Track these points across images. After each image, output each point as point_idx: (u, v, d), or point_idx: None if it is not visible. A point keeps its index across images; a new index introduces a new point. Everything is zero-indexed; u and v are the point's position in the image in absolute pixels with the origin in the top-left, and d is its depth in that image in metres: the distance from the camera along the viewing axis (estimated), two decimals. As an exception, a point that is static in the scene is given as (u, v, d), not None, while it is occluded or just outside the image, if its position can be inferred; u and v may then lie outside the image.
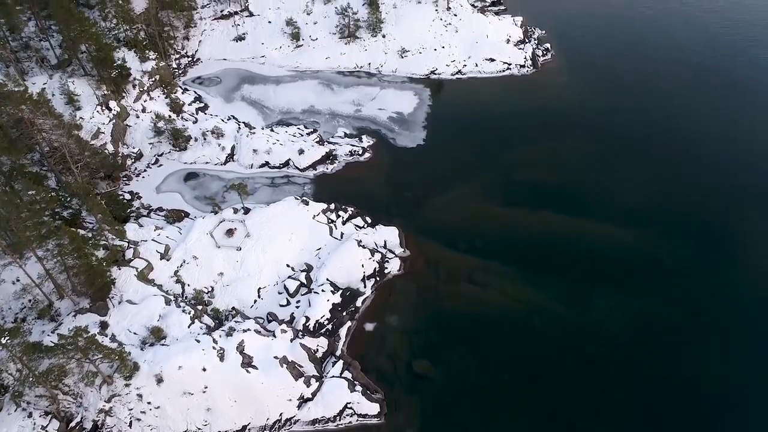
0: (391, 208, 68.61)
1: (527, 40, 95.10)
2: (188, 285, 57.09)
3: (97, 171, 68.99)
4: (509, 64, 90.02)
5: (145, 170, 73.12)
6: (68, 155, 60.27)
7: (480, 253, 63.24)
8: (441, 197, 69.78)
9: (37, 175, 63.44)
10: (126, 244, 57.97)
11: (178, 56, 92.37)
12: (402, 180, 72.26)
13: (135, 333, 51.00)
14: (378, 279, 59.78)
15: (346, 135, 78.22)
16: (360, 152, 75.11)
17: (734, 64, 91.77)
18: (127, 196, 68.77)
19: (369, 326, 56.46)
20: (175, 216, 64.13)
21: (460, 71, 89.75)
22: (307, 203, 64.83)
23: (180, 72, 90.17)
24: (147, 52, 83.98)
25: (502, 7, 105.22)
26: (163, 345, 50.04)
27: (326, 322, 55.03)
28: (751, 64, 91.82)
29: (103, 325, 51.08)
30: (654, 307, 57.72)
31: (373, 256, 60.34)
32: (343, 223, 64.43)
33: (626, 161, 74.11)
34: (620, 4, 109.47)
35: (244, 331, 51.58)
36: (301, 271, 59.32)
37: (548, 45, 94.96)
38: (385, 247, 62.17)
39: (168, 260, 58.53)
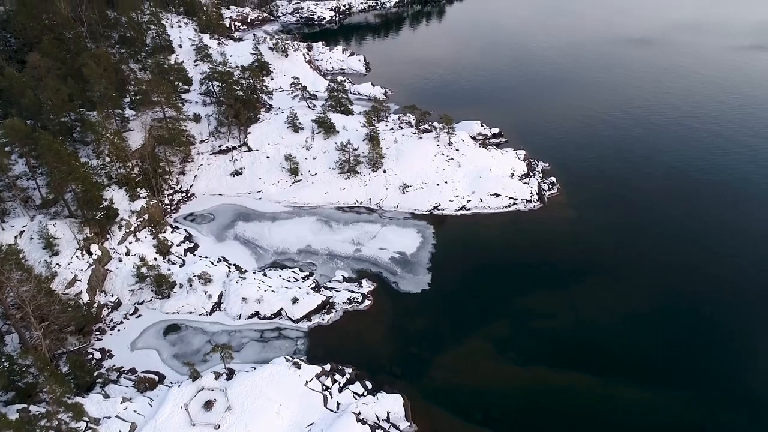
0: (394, 368, 60.70)
1: (532, 174, 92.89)
2: (153, 478, 47.74)
3: (67, 325, 62.01)
4: (515, 200, 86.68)
5: (121, 322, 66.10)
6: (32, 316, 53.59)
7: (498, 425, 54.53)
8: (450, 353, 62.24)
9: (-5, 336, 56.54)
10: (84, 426, 49.33)
11: (171, 192, 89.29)
12: (406, 332, 65.04)
13: None
14: (380, 464, 50.51)
15: (344, 279, 72.35)
16: (360, 299, 68.66)
17: (742, 183, 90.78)
18: (98, 355, 61.19)
19: None
20: (147, 383, 55.98)
21: (464, 207, 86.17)
22: (299, 366, 57.03)
23: (172, 208, 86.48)
24: (138, 189, 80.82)
25: (504, 140, 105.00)
26: None
27: None
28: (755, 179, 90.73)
29: None
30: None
31: (374, 434, 51.55)
32: (340, 389, 56.22)
33: (649, 308, 67.48)
34: (618, 127, 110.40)
35: None
36: (290, 455, 50.24)
37: (553, 178, 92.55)
38: (388, 420, 53.51)
39: (132, 444, 49.65)
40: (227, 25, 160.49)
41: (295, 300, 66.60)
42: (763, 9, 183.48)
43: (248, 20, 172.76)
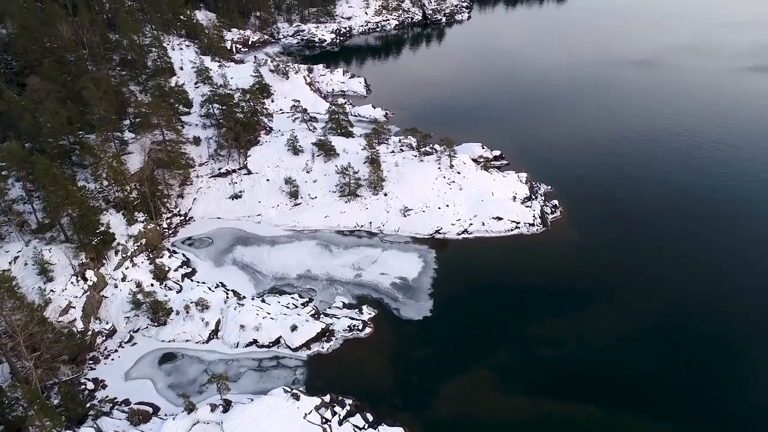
0: (395, 398, 58.99)
1: (534, 197, 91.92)
2: None
3: (60, 354, 60.43)
4: (518, 223, 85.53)
5: (116, 350, 64.51)
6: (23, 346, 52.10)
7: (502, 459, 52.73)
8: (452, 383, 60.52)
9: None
10: (74, 462, 47.65)
11: (170, 215, 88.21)
12: (407, 361, 63.41)
13: None
14: (381, 503, 48.59)
15: (344, 305, 70.89)
16: (360, 327, 67.13)
17: (743, 203, 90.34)
18: (90, 385, 59.46)
19: None
20: (141, 415, 54.25)
21: (466, 230, 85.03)
22: (297, 398, 55.33)
23: (170, 232, 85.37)
24: (136, 213, 79.79)
25: (505, 162, 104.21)
26: None
27: None
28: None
29: None
30: None
31: (375, 470, 49.74)
32: (340, 422, 54.45)
33: (655, 334, 65.97)
34: (619, 147, 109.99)
35: None
36: (287, 492, 48.36)
37: (556, 201, 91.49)
38: (389, 455, 51.73)
39: (123, 481, 47.83)
40: (228, 48, 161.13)
41: (294, 327, 65.11)
42: (760, 32, 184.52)
43: (249, 42, 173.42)
